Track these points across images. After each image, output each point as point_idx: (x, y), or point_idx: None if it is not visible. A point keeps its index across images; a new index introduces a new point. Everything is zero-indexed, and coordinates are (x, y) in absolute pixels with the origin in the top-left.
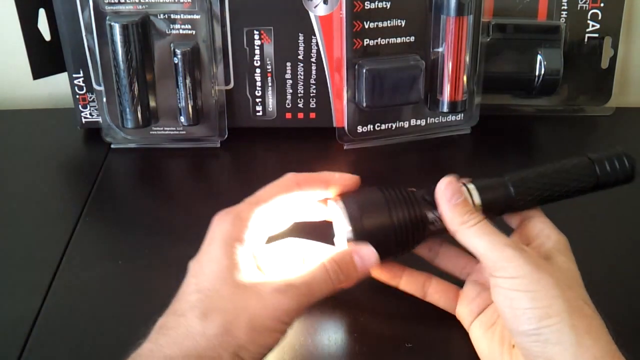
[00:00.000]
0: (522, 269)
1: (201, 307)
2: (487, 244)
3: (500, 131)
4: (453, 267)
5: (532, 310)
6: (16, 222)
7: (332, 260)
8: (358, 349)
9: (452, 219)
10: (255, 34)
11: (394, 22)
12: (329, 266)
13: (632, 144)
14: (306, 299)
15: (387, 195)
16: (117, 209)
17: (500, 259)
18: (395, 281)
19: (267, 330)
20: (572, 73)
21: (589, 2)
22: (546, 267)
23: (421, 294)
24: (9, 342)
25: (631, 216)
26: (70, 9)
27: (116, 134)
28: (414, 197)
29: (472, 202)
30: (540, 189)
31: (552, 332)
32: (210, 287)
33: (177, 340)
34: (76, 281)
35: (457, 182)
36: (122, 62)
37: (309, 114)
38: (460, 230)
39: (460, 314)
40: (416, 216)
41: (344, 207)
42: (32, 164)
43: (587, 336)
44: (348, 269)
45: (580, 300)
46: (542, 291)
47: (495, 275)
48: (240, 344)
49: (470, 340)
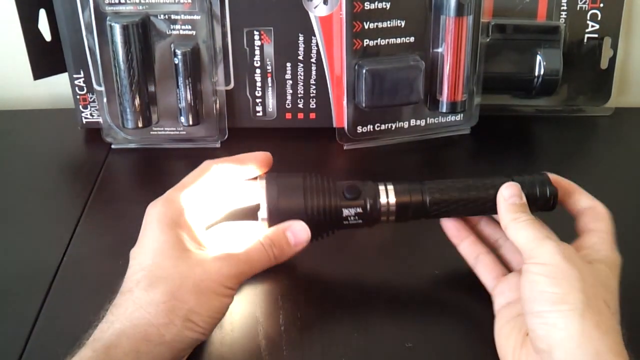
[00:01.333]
0: (553, 258)
1: (146, 280)
2: (529, 236)
3: (500, 131)
4: (512, 257)
5: (550, 294)
6: (16, 222)
7: (267, 237)
8: (358, 348)
9: (505, 214)
10: (255, 35)
11: (394, 22)
12: (264, 241)
13: (631, 144)
14: (246, 267)
15: (307, 182)
16: (118, 209)
17: (537, 247)
18: (458, 240)
19: (213, 293)
20: (571, 73)
21: (589, 2)
22: (578, 263)
23: (472, 262)
24: (10, 342)
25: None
26: (70, 10)
27: (117, 134)
28: (334, 190)
29: (387, 202)
30: (455, 202)
31: (560, 318)
32: (152, 263)
33: (126, 314)
34: (77, 281)
35: (518, 187)
36: (123, 62)
37: (309, 115)
38: (510, 224)
39: (496, 295)
40: (330, 207)
41: (265, 186)
42: (33, 164)
43: (595, 330)
44: (281, 244)
45: (602, 300)
46: (564, 280)
47: (528, 262)
48: (189, 308)
49: (470, 340)
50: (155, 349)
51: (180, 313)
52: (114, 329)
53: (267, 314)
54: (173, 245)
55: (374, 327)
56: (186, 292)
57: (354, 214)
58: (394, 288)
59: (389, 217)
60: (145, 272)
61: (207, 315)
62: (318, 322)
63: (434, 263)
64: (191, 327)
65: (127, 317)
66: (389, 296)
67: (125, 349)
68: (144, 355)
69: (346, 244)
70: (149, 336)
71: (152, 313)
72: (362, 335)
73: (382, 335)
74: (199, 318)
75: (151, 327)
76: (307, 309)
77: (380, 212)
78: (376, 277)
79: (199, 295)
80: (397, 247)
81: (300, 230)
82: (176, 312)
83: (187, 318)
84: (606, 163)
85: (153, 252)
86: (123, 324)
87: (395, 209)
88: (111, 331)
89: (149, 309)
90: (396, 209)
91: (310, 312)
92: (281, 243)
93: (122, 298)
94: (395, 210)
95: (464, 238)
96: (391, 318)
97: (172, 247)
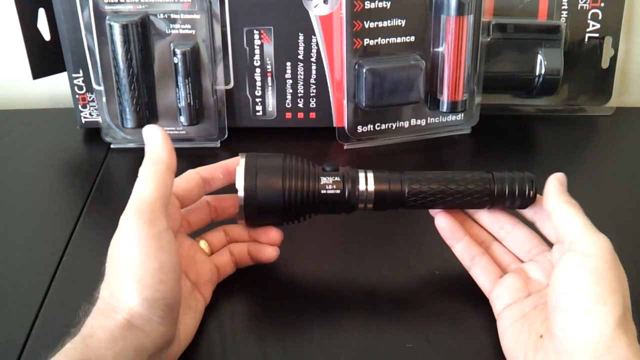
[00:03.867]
0: (603, 253)
1: (105, 276)
2: (581, 223)
3: (501, 131)
4: (519, 248)
5: (592, 292)
6: (16, 222)
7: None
8: (358, 348)
9: (559, 196)
10: (255, 34)
11: (394, 21)
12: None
13: (632, 143)
14: (141, 203)
15: (287, 163)
16: (117, 209)
17: (589, 236)
18: (453, 242)
19: (139, 254)
20: (572, 73)
21: (590, 1)
22: (620, 265)
23: (468, 265)
24: (9, 343)
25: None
26: (69, 9)
27: (116, 134)
28: (313, 172)
29: (366, 188)
30: (433, 194)
31: (598, 321)
32: (109, 257)
33: (96, 308)
34: (76, 281)
35: (566, 178)
36: (122, 62)
37: (309, 114)
38: (563, 206)
39: (494, 298)
40: (308, 172)
41: (245, 164)
42: (32, 163)
43: (624, 336)
44: (146, 155)
45: (626, 307)
46: (609, 280)
47: (574, 249)
48: (132, 273)
49: (470, 340)
50: (129, 334)
51: (128, 282)
52: (88, 322)
53: (266, 314)
54: (127, 237)
55: (374, 327)
56: (124, 262)
57: (332, 182)
58: (394, 288)
59: (367, 204)
60: (106, 269)
61: (153, 280)
62: (318, 322)
63: (434, 263)
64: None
65: (97, 311)
66: (389, 296)
67: (100, 337)
68: (120, 341)
69: (346, 243)
70: (117, 322)
71: (108, 297)
72: (362, 335)
73: (382, 335)
74: (149, 280)
75: (115, 313)
76: (306, 308)
77: (358, 198)
78: (376, 276)
79: (134, 259)
80: (397, 247)
81: (147, 131)
82: (124, 283)
83: (137, 287)
84: (607, 163)
85: (110, 251)
86: (95, 317)
87: (374, 196)
88: (87, 324)
89: (108, 297)
90: (374, 197)
91: (310, 312)
92: (146, 156)
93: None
94: (373, 198)
95: (459, 239)
96: (391, 318)
97: (126, 239)
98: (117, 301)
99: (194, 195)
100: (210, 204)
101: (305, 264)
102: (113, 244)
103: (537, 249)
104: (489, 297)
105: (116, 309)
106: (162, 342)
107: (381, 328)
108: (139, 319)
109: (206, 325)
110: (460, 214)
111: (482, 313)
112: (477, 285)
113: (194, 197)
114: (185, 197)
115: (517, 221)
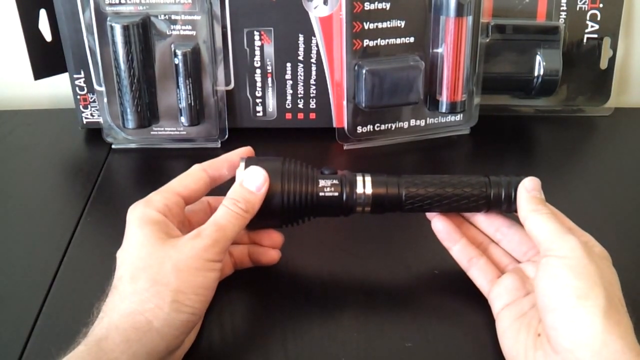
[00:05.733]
0: (575, 252)
1: (128, 274)
2: (550, 229)
3: (500, 131)
4: (516, 249)
5: (574, 288)
6: (17, 222)
7: (227, 198)
8: (358, 348)
9: (526, 205)
10: (255, 35)
11: (394, 22)
12: (226, 202)
13: (631, 144)
14: (219, 234)
15: (286, 167)
16: (118, 209)
17: (558, 239)
18: (450, 244)
19: (193, 269)
20: (571, 74)
21: (588, 2)
22: (596, 259)
23: (465, 266)
24: (10, 342)
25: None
26: (71, 10)
27: (117, 135)
28: (312, 176)
29: (364, 192)
30: (430, 197)
31: (585, 314)
32: (132, 257)
33: (114, 307)
34: (77, 281)
35: (539, 182)
36: (123, 62)
37: (309, 115)
38: (531, 215)
39: (493, 299)
40: (307, 176)
41: (244, 166)
42: (33, 164)
43: (616, 327)
44: (244, 196)
45: (617, 299)
46: (587, 274)
47: (548, 254)
48: (174, 288)
49: (470, 339)
50: (145, 336)
51: (165, 295)
52: (104, 323)
53: (266, 314)
54: (150, 238)
55: (374, 327)
56: (166, 274)
57: (330, 184)
58: (394, 288)
59: (365, 207)
60: (127, 267)
61: (192, 293)
62: (318, 322)
63: (433, 262)
64: (178, 308)
65: (114, 310)
66: (389, 296)
67: (115, 340)
68: (135, 344)
69: (346, 243)
70: (136, 324)
71: (136, 301)
72: (361, 335)
73: (381, 335)
74: (184, 297)
75: (138, 315)
76: (306, 308)
77: (356, 201)
78: (376, 276)
79: (179, 274)
80: (397, 247)
81: (255, 174)
82: (160, 295)
83: (173, 299)
84: (606, 163)
85: (132, 248)
86: (111, 317)
87: (372, 199)
88: (101, 325)
89: (133, 299)
90: (372, 200)
91: (310, 312)
92: (243, 195)
93: (110, 296)
94: (370, 202)
95: (456, 241)
96: (391, 318)
97: (149, 240)
98: (146, 301)
99: (199, 195)
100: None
101: (305, 264)
102: (168, 245)
103: (534, 250)
104: (487, 297)
105: (140, 311)
106: (174, 346)
107: (381, 328)
108: (162, 320)
109: (206, 325)
110: (457, 217)
111: (482, 312)
112: (476, 286)
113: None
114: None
115: (514, 223)
